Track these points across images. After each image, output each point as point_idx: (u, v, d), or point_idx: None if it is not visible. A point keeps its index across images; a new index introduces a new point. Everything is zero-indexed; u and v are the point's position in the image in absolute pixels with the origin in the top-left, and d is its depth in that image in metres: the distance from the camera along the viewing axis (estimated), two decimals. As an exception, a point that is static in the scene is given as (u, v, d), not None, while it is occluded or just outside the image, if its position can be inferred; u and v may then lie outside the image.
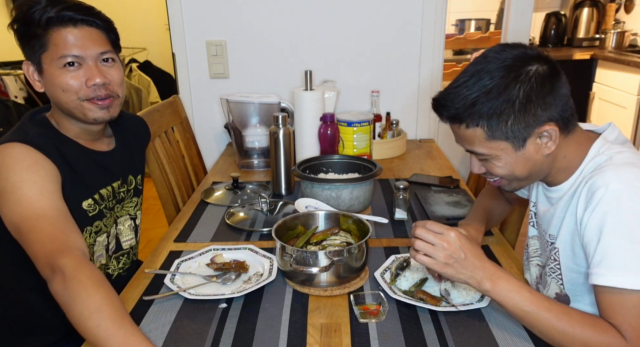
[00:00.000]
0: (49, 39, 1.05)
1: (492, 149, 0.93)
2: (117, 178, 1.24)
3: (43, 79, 1.09)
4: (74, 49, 1.05)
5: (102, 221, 1.18)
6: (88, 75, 1.07)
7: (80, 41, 1.06)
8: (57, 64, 1.06)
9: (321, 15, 2.13)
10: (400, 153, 2.04)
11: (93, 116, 1.11)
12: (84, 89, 1.08)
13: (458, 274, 0.91)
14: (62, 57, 1.05)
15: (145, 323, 0.95)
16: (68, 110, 1.11)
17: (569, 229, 0.96)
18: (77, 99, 1.08)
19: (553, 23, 4.14)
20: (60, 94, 1.08)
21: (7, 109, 3.33)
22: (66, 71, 1.06)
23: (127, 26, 4.93)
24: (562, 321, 0.83)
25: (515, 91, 0.87)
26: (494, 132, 0.90)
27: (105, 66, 1.11)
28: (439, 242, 0.91)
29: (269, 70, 2.20)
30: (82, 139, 1.17)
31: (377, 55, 2.18)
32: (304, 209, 1.34)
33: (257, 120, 1.88)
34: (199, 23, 2.14)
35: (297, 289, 1.05)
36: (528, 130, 0.90)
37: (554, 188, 1.00)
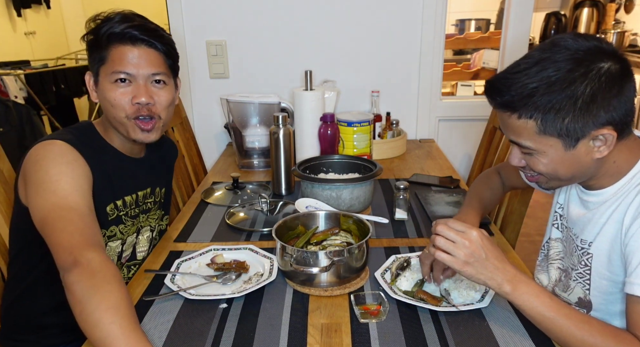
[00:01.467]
0: (108, 54, 1.09)
1: (540, 144, 0.87)
2: (144, 187, 1.26)
3: (98, 91, 1.14)
4: (128, 67, 1.09)
5: (117, 227, 1.19)
6: (135, 93, 1.11)
7: (136, 60, 1.10)
8: (110, 78, 1.10)
9: (321, 15, 2.13)
10: (400, 153, 2.04)
11: (134, 137, 1.15)
12: (130, 106, 1.11)
13: (478, 274, 0.89)
14: (115, 72, 1.09)
15: (145, 323, 0.95)
16: (115, 125, 1.15)
17: (609, 236, 0.92)
18: (124, 116, 1.12)
19: (553, 23, 4.14)
20: (109, 108, 1.12)
21: (7, 109, 3.33)
22: (116, 86, 1.10)
23: (127, 26, 4.95)
24: (582, 330, 0.81)
25: (581, 88, 0.80)
26: (547, 128, 0.84)
27: (155, 87, 1.14)
28: (461, 240, 0.89)
29: (269, 70, 2.21)
30: (124, 149, 1.21)
31: (377, 55, 2.18)
32: (304, 209, 1.34)
33: (257, 120, 1.88)
34: (199, 23, 2.15)
35: (298, 289, 1.05)
36: (584, 131, 0.83)
37: (595, 192, 0.95)
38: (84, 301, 0.81)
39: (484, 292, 1.01)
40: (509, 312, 0.96)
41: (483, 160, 1.93)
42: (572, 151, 0.86)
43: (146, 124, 1.14)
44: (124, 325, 0.79)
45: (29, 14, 4.82)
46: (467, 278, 0.92)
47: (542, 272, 1.13)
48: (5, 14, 4.50)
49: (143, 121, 1.13)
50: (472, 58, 3.53)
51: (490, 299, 0.98)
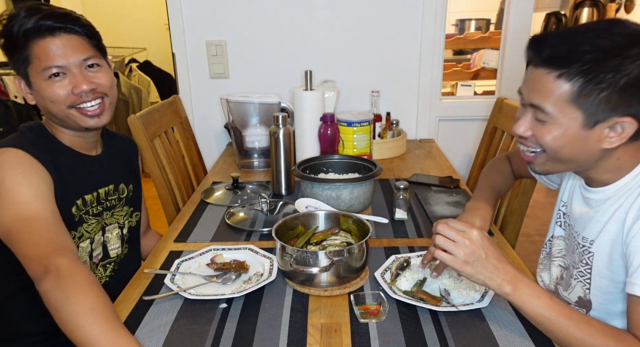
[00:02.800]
0: (31, 52, 1.04)
1: (562, 113, 0.84)
2: (105, 184, 1.23)
3: (33, 92, 1.09)
4: (57, 59, 1.04)
5: (83, 227, 1.17)
6: (74, 83, 1.07)
7: (62, 50, 1.05)
8: (42, 76, 1.05)
9: (321, 16, 2.13)
10: (400, 153, 2.04)
11: (85, 125, 1.11)
12: (71, 96, 1.08)
13: (477, 273, 0.89)
14: (45, 69, 1.04)
15: (145, 323, 0.95)
16: (60, 120, 1.12)
17: (611, 235, 0.92)
18: (65, 108, 1.08)
19: (553, 23, 4.14)
20: (49, 105, 1.08)
21: (7, 109, 3.33)
22: (52, 82, 1.06)
23: (127, 26, 4.95)
24: (582, 330, 0.82)
25: (629, 67, 0.78)
26: (581, 96, 0.81)
27: (90, 72, 1.10)
28: (461, 240, 0.89)
29: (269, 70, 2.21)
30: (77, 146, 1.17)
31: (377, 55, 2.18)
32: (304, 209, 1.34)
33: (257, 120, 1.88)
34: (199, 23, 2.15)
35: (297, 289, 1.05)
36: (608, 113, 0.82)
37: (597, 189, 0.95)
38: (61, 308, 0.82)
39: (483, 292, 1.00)
40: (509, 312, 0.96)
41: (483, 161, 1.93)
42: (587, 132, 0.84)
43: (94, 110, 1.10)
44: (104, 325, 0.80)
45: (29, 14, 4.82)
46: (467, 278, 0.92)
47: (544, 270, 1.13)
48: (5, 14, 4.50)
49: (90, 108, 1.10)
50: (472, 58, 3.53)
51: (490, 299, 0.98)
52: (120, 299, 1.04)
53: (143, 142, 1.63)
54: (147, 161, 1.66)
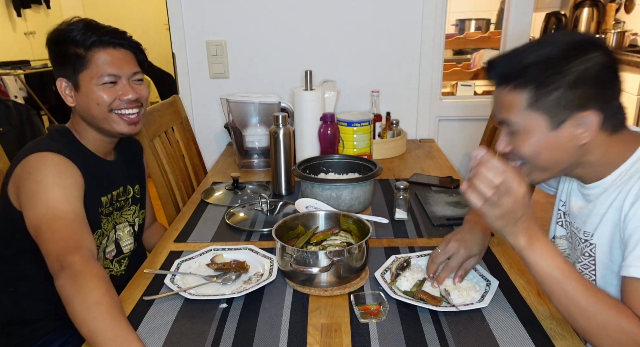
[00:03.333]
0: (91, 59, 1.16)
1: (527, 120, 0.89)
2: (117, 186, 1.31)
3: (78, 95, 1.18)
4: (113, 69, 1.17)
5: (101, 227, 1.24)
6: (122, 91, 1.19)
7: (118, 62, 1.18)
8: (96, 81, 1.16)
9: (321, 16, 2.13)
10: (400, 153, 2.04)
11: (119, 130, 1.21)
12: (116, 102, 1.19)
13: (503, 228, 0.85)
14: (102, 76, 1.16)
15: (145, 323, 0.95)
16: (97, 122, 1.20)
17: (610, 224, 0.93)
18: (107, 111, 1.18)
19: (553, 23, 4.14)
20: (94, 107, 1.17)
21: (7, 109, 3.33)
22: (104, 88, 1.17)
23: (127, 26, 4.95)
24: (587, 297, 0.81)
25: (572, 66, 0.85)
26: (537, 102, 0.87)
27: (135, 84, 1.23)
28: (509, 198, 0.82)
29: (269, 70, 2.21)
30: (98, 150, 1.26)
31: (377, 55, 2.18)
32: (304, 209, 1.34)
33: (257, 120, 1.88)
34: (199, 23, 2.15)
35: (298, 289, 1.05)
36: (569, 111, 0.87)
37: (593, 184, 0.97)
38: (71, 302, 0.87)
39: (484, 292, 1.01)
40: (509, 312, 0.96)
41: (483, 160, 1.93)
42: (556, 133, 0.89)
43: (133, 118, 1.22)
44: (107, 319, 0.83)
45: (29, 14, 4.82)
46: (490, 224, 0.87)
47: None
48: (5, 14, 4.50)
49: (130, 115, 1.21)
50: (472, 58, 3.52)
51: (490, 299, 0.98)
52: (120, 299, 1.04)
53: (143, 142, 1.63)
54: (147, 161, 1.67)
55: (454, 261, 1.05)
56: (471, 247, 1.06)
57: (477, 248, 1.07)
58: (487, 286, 1.02)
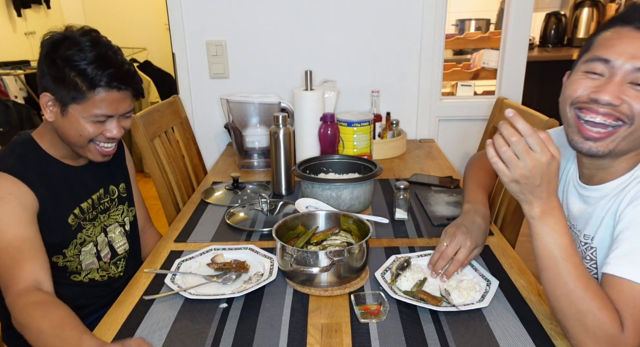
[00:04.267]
0: (91, 97, 1.10)
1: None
2: (96, 190, 1.29)
3: (62, 118, 1.12)
4: (109, 110, 1.13)
5: (82, 233, 1.23)
6: (109, 129, 1.16)
7: (116, 103, 1.14)
8: (87, 116, 1.12)
9: (321, 15, 2.13)
10: (400, 153, 2.04)
11: (92, 158, 1.20)
12: (100, 136, 1.16)
13: (519, 192, 0.82)
14: (97, 115, 1.12)
15: (145, 322, 0.95)
16: (71, 146, 1.17)
17: (609, 228, 0.92)
18: (88, 142, 1.15)
19: (553, 23, 4.14)
20: (75, 135, 1.14)
21: (7, 109, 3.33)
22: (92, 123, 1.13)
23: (127, 26, 4.95)
24: (578, 283, 0.79)
25: None
26: None
27: (122, 119, 1.19)
28: (526, 159, 0.78)
29: (269, 70, 2.21)
30: (66, 158, 1.23)
31: (377, 55, 2.18)
32: (304, 209, 1.34)
33: (257, 120, 1.88)
34: (199, 23, 2.15)
35: (298, 289, 1.05)
36: None
37: (595, 187, 0.95)
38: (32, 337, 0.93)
39: (484, 292, 1.01)
40: (509, 312, 0.96)
41: (483, 160, 1.93)
42: None
43: (109, 151, 1.20)
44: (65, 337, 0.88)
45: (29, 14, 4.82)
46: (507, 188, 0.84)
47: None
48: (5, 14, 4.49)
49: (106, 149, 1.19)
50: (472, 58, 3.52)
51: (491, 299, 0.98)
52: (121, 299, 1.04)
53: (143, 142, 1.63)
54: (147, 161, 1.67)
55: (462, 254, 1.06)
56: (477, 238, 1.08)
57: (481, 238, 1.09)
58: (487, 286, 1.02)
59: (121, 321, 0.96)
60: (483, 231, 1.10)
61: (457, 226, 1.10)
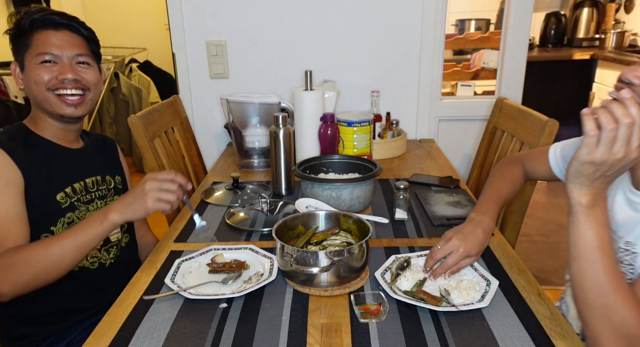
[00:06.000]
0: (32, 39, 1.17)
1: None
2: (92, 174, 1.31)
3: (24, 77, 1.20)
4: (53, 48, 1.17)
5: (74, 213, 1.24)
6: (60, 71, 1.18)
7: (59, 42, 1.18)
8: (35, 60, 1.17)
9: (321, 16, 2.13)
10: (400, 153, 2.04)
11: (60, 112, 1.20)
12: (53, 81, 1.17)
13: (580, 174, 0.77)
14: (40, 54, 1.16)
15: (145, 322, 0.95)
16: (39, 103, 1.20)
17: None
18: (45, 90, 1.17)
19: (553, 23, 4.14)
20: (33, 86, 1.18)
21: (7, 109, 3.33)
22: (42, 67, 1.17)
23: (127, 26, 4.95)
24: (611, 278, 0.77)
25: None
26: None
27: (79, 67, 1.21)
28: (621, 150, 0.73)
29: (269, 70, 2.21)
30: (58, 138, 1.25)
31: (377, 55, 2.18)
32: (304, 209, 1.34)
33: (257, 120, 1.89)
34: (199, 23, 2.15)
35: (298, 289, 1.05)
36: None
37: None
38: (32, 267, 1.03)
39: (484, 292, 1.01)
40: (509, 312, 0.96)
41: (483, 160, 1.93)
42: None
43: (73, 100, 1.20)
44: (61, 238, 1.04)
45: (29, 14, 4.83)
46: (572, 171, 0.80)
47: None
48: (5, 14, 4.50)
49: (70, 96, 1.19)
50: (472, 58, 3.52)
51: (490, 299, 0.98)
52: (121, 299, 1.04)
53: (143, 142, 1.63)
54: (147, 161, 1.67)
55: (451, 259, 1.05)
56: (470, 248, 1.05)
57: (476, 249, 1.06)
58: (487, 286, 1.02)
59: (121, 321, 0.96)
60: (480, 242, 1.07)
61: (456, 231, 1.09)
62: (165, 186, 1.08)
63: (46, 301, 1.21)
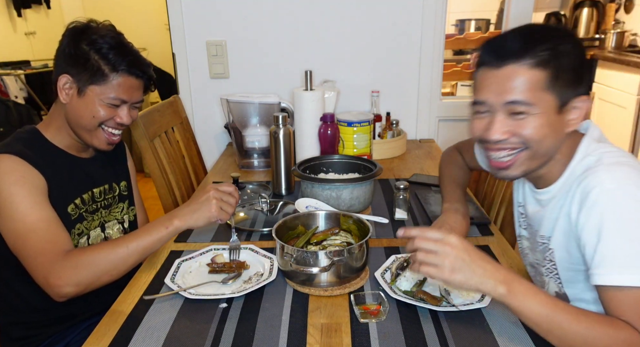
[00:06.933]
0: (111, 80, 1.15)
1: (540, 101, 0.86)
2: (100, 184, 1.30)
3: (78, 99, 1.16)
4: (125, 96, 1.18)
5: (82, 224, 1.24)
6: (121, 116, 1.20)
7: (131, 90, 1.19)
8: (104, 98, 1.16)
9: (321, 16, 2.13)
10: (400, 153, 2.04)
11: (97, 146, 1.22)
12: (110, 121, 1.20)
13: (468, 279, 0.84)
14: (114, 98, 1.17)
15: (145, 322, 0.95)
16: (80, 130, 1.19)
17: (563, 231, 0.95)
18: (97, 125, 1.18)
19: (553, 23, 4.14)
20: (88, 117, 1.17)
21: (7, 109, 3.33)
22: (107, 106, 1.17)
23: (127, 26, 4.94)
24: (582, 322, 0.80)
25: (577, 49, 0.88)
26: (553, 80, 0.86)
27: (133, 109, 1.24)
28: (442, 248, 0.84)
29: (269, 70, 2.21)
30: (70, 148, 1.24)
31: (377, 55, 2.18)
32: (304, 209, 1.34)
33: (257, 120, 1.89)
34: (199, 23, 2.15)
35: (298, 289, 1.05)
36: (571, 94, 0.88)
37: (542, 190, 1.00)
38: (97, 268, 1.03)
39: (483, 292, 1.01)
40: (509, 312, 0.95)
41: (483, 161, 1.93)
42: (559, 117, 0.89)
43: (116, 139, 1.23)
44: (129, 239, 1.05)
45: (29, 14, 4.82)
46: (458, 287, 0.88)
47: None
48: (5, 14, 4.50)
49: (114, 136, 1.22)
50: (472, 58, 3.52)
51: (490, 299, 0.98)
52: (121, 299, 1.04)
53: (143, 142, 1.63)
54: (147, 161, 1.67)
55: None
56: (460, 233, 1.12)
57: (463, 233, 1.14)
58: (487, 286, 1.02)
59: (121, 321, 0.96)
60: (465, 228, 1.17)
61: (440, 223, 1.15)
62: (225, 197, 1.11)
63: (47, 307, 1.20)
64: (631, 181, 0.84)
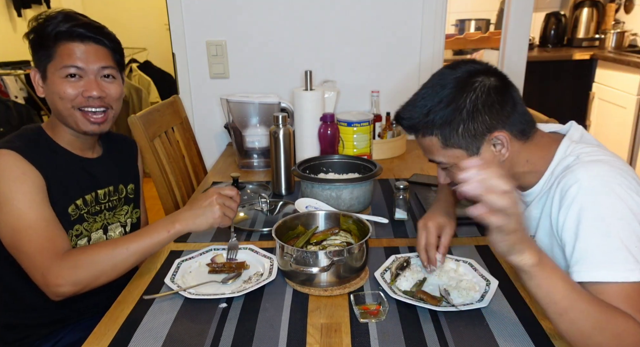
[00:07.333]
0: (56, 51, 1.12)
1: (449, 158, 0.97)
2: (104, 185, 1.28)
3: (45, 86, 1.16)
4: (77, 62, 1.13)
5: (82, 225, 1.21)
6: (86, 87, 1.14)
7: (85, 55, 1.13)
8: (59, 73, 1.12)
9: (321, 16, 2.13)
10: (400, 153, 2.05)
11: (84, 128, 1.17)
12: (79, 98, 1.14)
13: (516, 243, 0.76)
14: (64, 67, 1.12)
15: (145, 322, 0.95)
16: (62, 118, 1.17)
17: (545, 230, 0.97)
18: (71, 107, 1.14)
19: (553, 23, 4.14)
20: (57, 101, 1.14)
21: (7, 109, 3.33)
22: (67, 81, 1.13)
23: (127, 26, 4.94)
24: (598, 305, 0.77)
25: (462, 100, 0.93)
26: (448, 140, 0.95)
27: (104, 81, 1.17)
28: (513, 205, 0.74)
29: (269, 70, 2.21)
30: (74, 147, 1.22)
31: (377, 55, 2.18)
32: (304, 209, 1.34)
33: (257, 120, 1.89)
34: (199, 23, 2.15)
35: (297, 289, 1.05)
36: (479, 138, 0.94)
37: (525, 193, 1.02)
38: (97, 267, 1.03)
39: (483, 292, 1.01)
40: (509, 312, 0.96)
41: (483, 161, 1.93)
42: (485, 155, 0.95)
43: (97, 117, 1.17)
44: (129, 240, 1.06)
45: (30, 14, 4.82)
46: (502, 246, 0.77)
47: None
48: (5, 14, 4.50)
49: (94, 114, 1.16)
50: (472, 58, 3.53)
51: (490, 299, 0.98)
52: (121, 299, 1.04)
53: (143, 142, 1.63)
54: (147, 161, 1.67)
55: (446, 239, 1.11)
56: (451, 222, 1.15)
57: (453, 221, 1.16)
58: (487, 286, 1.03)
59: (121, 321, 0.96)
60: (453, 214, 1.19)
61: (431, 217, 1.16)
62: (228, 202, 1.11)
63: (42, 306, 1.19)
64: (608, 177, 0.86)
